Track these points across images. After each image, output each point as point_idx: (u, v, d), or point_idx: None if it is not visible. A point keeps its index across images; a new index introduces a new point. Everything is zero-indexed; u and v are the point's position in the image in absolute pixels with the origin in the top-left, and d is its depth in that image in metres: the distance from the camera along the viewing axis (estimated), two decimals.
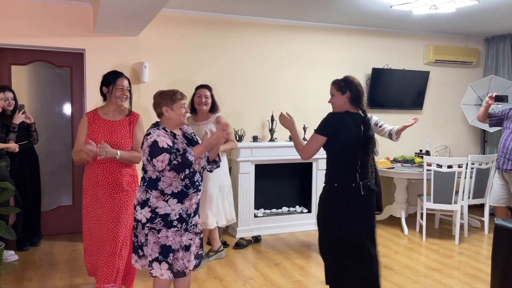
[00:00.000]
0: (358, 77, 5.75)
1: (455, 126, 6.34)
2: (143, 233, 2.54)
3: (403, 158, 5.51)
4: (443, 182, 4.58)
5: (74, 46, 4.48)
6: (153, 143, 2.46)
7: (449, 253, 4.39)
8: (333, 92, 2.83)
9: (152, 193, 2.51)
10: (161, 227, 2.50)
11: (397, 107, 5.90)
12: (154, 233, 2.51)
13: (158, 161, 2.42)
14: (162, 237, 2.50)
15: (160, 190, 2.50)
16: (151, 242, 2.52)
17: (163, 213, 2.50)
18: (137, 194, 2.58)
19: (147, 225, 2.52)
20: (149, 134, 2.52)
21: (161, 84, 4.73)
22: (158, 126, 2.58)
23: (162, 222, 2.50)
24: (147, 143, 2.48)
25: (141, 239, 2.57)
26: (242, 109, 5.19)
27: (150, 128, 2.59)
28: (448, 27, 5.65)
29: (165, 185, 2.50)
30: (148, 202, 2.51)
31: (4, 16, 4.22)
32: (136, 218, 2.57)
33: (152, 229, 2.51)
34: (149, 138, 2.49)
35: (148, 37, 4.71)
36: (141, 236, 2.56)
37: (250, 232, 4.87)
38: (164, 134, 2.53)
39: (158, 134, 2.51)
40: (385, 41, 5.83)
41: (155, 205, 2.50)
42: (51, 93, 4.80)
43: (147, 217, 2.51)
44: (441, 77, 6.18)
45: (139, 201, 2.55)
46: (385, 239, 4.84)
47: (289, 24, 5.32)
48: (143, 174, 2.58)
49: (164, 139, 2.49)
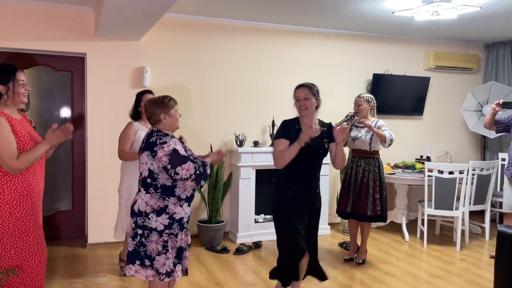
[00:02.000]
0: (359, 82, 5.86)
1: (455, 132, 6.34)
2: (161, 240, 2.52)
3: (404, 164, 5.50)
4: (444, 188, 4.57)
5: (75, 50, 4.47)
6: (174, 151, 2.47)
7: (451, 259, 4.38)
8: (309, 96, 2.95)
9: (170, 200, 2.54)
10: (178, 231, 2.57)
11: (398, 113, 5.90)
12: (172, 238, 2.55)
13: (183, 169, 2.45)
14: (179, 240, 2.58)
15: (177, 196, 2.55)
16: (170, 247, 2.54)
17: (178, 218, 2.56)
18: (150, 202, 2.54)
19: (166, 232, 2.53)
20: (165, 143, 2.49)
21: (162, 89, 4.72)
22: (167, 133, 2.58)
23: (178, 227, 2.57)
24: (165, 151, 2.46)
25: (155, 248, 2.52)
26: (243, 114, 5.19)
27: (160, 135, 2.54)
28: (448, 33, 5.67)
29: (181, 191, 2.57)
30: (167, 209, 2.53)
31: (5, 20, 4.21)
32: (148, 226, 2.52)
33: (171, 235, 2.55)
34: (165, 146, 2.48)
35: (150, 42, 4.71)
36: (156, 244, 2.52)
37: (250, 238, 4.85)
38: (179, 142, 2.56)
39: (175, 142, 2.53)
40: (386, 47, 5.84)
41: (173, 211, 2.54)
42: (51, 97, 4.79)
43: (165, 224, 2.52)
44: (441, 83, 6.19)
45: (154, 208, 2.53)
46: (386, 245, 4.82)
47: (290, 29, 5.33)
48: (150, 181, 2.54)
49: (181, 148, 2.52)
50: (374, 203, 4.04)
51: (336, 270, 4.03)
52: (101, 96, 4.57)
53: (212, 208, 4.72)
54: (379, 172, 4.10)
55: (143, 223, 2.53)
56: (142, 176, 2.59)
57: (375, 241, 4.95)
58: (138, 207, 2.57)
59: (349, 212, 4.13)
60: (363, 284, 3.69)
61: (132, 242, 2.57)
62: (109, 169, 4.53)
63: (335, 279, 3.81)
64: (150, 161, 2.51)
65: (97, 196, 4.57)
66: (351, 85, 5.62)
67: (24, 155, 2.34)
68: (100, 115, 4.57)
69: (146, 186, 2.56)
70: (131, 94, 4.65)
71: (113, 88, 4.61)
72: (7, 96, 2.41)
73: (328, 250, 4.65)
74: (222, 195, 4.81)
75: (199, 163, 2.53)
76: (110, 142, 4.52)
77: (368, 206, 4.03)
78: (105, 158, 4.52)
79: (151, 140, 2.55)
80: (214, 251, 4.49)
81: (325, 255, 4.47)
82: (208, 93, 5.01)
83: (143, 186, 2.59)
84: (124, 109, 4.71)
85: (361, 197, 4.05)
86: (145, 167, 2.55)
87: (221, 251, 4.46)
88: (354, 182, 4.10)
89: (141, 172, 2.60)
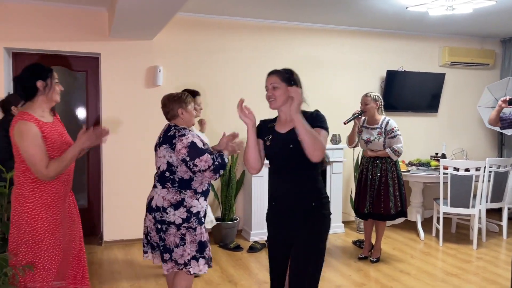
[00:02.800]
0: (372, 79, 5.81)
1: (471, 129, 6.24)
2: (179, 233, 2.58)
3: (419, 161, 5.44)
4: (460, 186, 4.50)
5: (89, 51, 4.53)
6: (192, 143, 2.56)
7: (467, 258, 4.31)
8: (279, 84, 2.37)
9: (187, 193, 2.60)
10: (196, 225, 2.61)
11: (412, 110, 5.84)
12: (191, 232, 2.60)
13: (202, 160, 2.51)
14: (198, 234, 2.62)
15: (193, 189, 2.61)
16: (188, 241, 2.59)
17: (195, 212, 2.61)
18: (167, 197, 2.60)
19: (184, 225, 2.58)
20: (183, 135, 2.58)
21: (176, 88, 4.75)
22: (184, 127, 2.68)
23: (196, 220, 2.61)
24: (184, 143, 2.54)
25: (173, 241, 2.59)
26: (256, 111, 5.14)
27: (178, 129, 2.63)
28: (464, 28, 5.58)
29: (197, 184, 2.62)
30: (184, 203, 2.59)
31: (21, 21, 4.28)
32: (166, 220, 2.58)
33: (189, 229, 2.59)
34: (184, 138, 2.56)
35: (162, 41, 4.74)
36: (175, 237, 2.59)
37: (264, 236, 4.84)
38: (196, 136, 2.64)
39: (192, 135, 2.62)
40: (400, 43, 5.78)
41: (190, 204, 2.60)
42: (67, 97, 4.86)
43: (182, 217, 2.58)
44: (457, 79, 6.09)
45: (171, 202, 2.59)
46: (400, 243, 4.77)
47: (302, 27, 5.31)
48: (169, 175, 2.59)
49: (198, 141, 2.60)
50: (395, 201, 4.02)
51: (350, 268, 4.01)
52: (115, 95, 4.62)
53: (225, 206, 4.74)
54: (397, 170, 4.08)
55: (161, 218, 2.59)
56: (160, 170, 2.65)
57: (390, 239, 4.91)
58: (155, 203, 2.62)
59: (367, 213, 4.11)
60: (377, 283, 3.67)
61: (157, 236, 2.64)
62: (124, 168, 4.58)
63: (349, 277, 3.79)
64: (169, 154, 2.58)
65: (112, 194, 4.62)
66: (365, 82, 5.58)
67: (54, 163, 2.23)
68: (115, 114, 4.62)
69: (163, 181, 2.62)
70: (144, 93, 4.71)
71: (127, 87, 4.66)
72: (44, 92, 2.36)
73: (342, 248, 4.62)
74: (235, 193, 4.82)
75: (216, 155, 2.61)
76: (125, 140, 4.58)
77: (390, 205, 4.00)
78: (120, 156, 4.57)
79: (169, 133, 2.63)
80: (227, 248, 4.50)
81: (339, 253, 4.44)
82: (221, 90, 5.03)
83: (159, 181, 2.65)
84: (138, 108, 4.76)
85: (381, 197, 4.02)
86: (163, 160, 2.62)
87: (235, 249, 4.48)
88: (371, 182, 4.07)
89: (159, 167, 2.66)
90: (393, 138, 3.99)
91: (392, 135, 3.99)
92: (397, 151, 3.98)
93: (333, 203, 5.09)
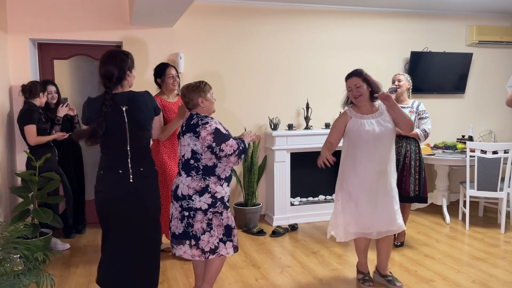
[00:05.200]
0: (396, 61, 5.67)
1: (500, 110, 6.05)
2: (206, 219, 2.66)
3: (444, 144, 5.32)
4: (487, 169, 4.39)
5: (112, 39, 4.58)
6: (216, 130, 2.64)
7: (495, 242, 4.23)
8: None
9: (211, 179, 2.67)
10: (222, 209, 2.70)
11: (438, 92, 5.69)
12: (217, 216, 2.68)
13: (228, 145, 2.61)
14: (225, 218, 2.71)
15: (217, 175, 2.68)
16: (215, 225, 2.67)
17: (220, 197, 2.69)
18: (192, 184, 2.66)
19: (210, 210, 2.66)
20: (207, 123, 2.64)
21: (197, 74, 4.78)
22: (206, 115, 2.74)
23: (222, 205, 2.70)
24: (208, 130, 2.61)
25: (200, 227, 2.66)
26: (277, 97, 5.16)
27: (200, 117, 2.69)
28: (492, 5, 5.36)
29: (221, 171, 2.70)
30: (208, 189, 2.66)
31: (46, 12, 4.37)
32: (193, 207, 2.66)
33: (216, 213, 2.68)
34: (208, 126, 2.63)
35: (183, 28, 4.76)
36: (201, 223, 2.66)
37: (286, 220, 4.88)
38: (218, 122, 2.71)
39: (215, 122, 2.69)
40: (424, 23, 5.61)
41: (214, 190, 2.67)
42: (91, 86, 4.95)
43: (208, 203, 2.66)
44: (485, 59, 5.90)
45: (196, 190, 2.66)
46: (426, 227, 4.71)
47: (323, 9, 5.22)
48: (193, 163, 2.66)
49: (221, 127, 2.68)
50: (415, 183, 3.96)
51: (373, 252, 3.99)
52: (137, 83, 4.65)
53: (248, 191, 4.78)
54: (419, 152, 4.02)
55: (188, 205, 2.66)
56: (184, 158, 2.70)
57: (414, 223, 4.85)
58: (181, 191, 2.69)
59: None
60: (401, 267, 3.65)
61: (181, 225, 2.70)
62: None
63: (373, 261, 3.77)
64: (193, 142, 2.65)
65: None
66: (388, 64, 5.46)
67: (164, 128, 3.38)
68: None
69: (188, 169, 2.68)
70: None
71: (149, 74, 4.70)
72: (162, 85, 3.76)
73: None
74: (258, 178, 4.85)
75: (238, 140, 2.71)
76: None
77: (410, 187, 3.95)
78: None
79: (192, 122, 2.68)
80: (250, 233, 4.55)
81: None
82: (241, 77, 5.02)
83: (183, 169, 2.70)
84: None
85: (403, 178, 3.97)
86: (187, 148, 2.67)
87: (258, 233, 4.52)
88: (396, 163, 4.02)
89: (183, 155, 2.71)
90: (423, 119, 3.93)
91: (424, 116, 3.94)
92: (427, 132, 3.93)
93: None
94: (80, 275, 3.52)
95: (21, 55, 4.33)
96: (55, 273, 3.50)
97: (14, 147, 4.33)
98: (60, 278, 3.44)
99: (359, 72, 3.09)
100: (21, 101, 4.07)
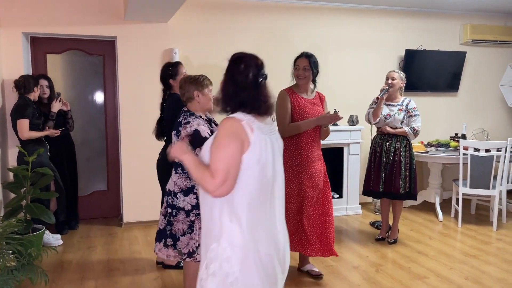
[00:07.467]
0: (390, 59, 5.69)
1: (493, 108, 6.10)
2: (187, 220, 2.55)
3: (438, 142, 5.36)
4: (480, 167, 4.43)
5: (105, 34, 4.54)
6: (195, 132, 2.49)
7: (487, 239, 4.27)
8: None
9: None
10: None
11: (432, 90, 5.72)
12: (200, 219, 2.54)
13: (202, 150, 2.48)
14: None
15: None
16: (197, 228, 2.54)
17: None
18: (178, 182, 2.58)
19: (193, 212, 2.55)
20: (188, 123, 2.53)
21: (192, 70, 4.74)
22: (193, 113, 2.60)
23: None
24: (187, 131, 2.49)
25: (181, 227, 2.56)
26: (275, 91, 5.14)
27: (186, 115, 2.58)
28: (486, 4, 5.40)
29: None
30: (194, 189, 2.54)
31: (39, 6, 4.31)
32: (176, 205, 2.56)
33: (199, 215, 2.53)
34: (188, 126, 2.51)
35: (177, 23, 4.72)
36: (183, 224, 2.56)
37: None
38: (204, 123, 2.56)
39: (198, 123, 2.54)
40: (419, 22, 5.63)
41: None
42: (85, 81, 4.91)
43: (192, 204, 2.54)
44: (478, 58, 5.93)
45: (181, 188, 2.56)
46: (419, 224, 4.75)
47: (318, 6, 5.21)
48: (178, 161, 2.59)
49: (204, 129, 2.53)
50: (405, 181, 3.99)
51: (367, 249, 4.01)
52: (132, 78, 4.64)
53: None
54: (410, 150, 4.04)
55: (172, 202, 2.58)
56: None
57: (407, 220, 4.88)
58: (168, 186, 2.63)
59: (381, 192, 4.08)
60: (394, 263, 3.67)
61: (164, 221, 2.63)
62: (142, 151, 4.63)
63: (366, 258, 3.79)
64: (176, 140, 2.55)
65: (130, 177, 4.69)
66: (383, 62, 5.47)
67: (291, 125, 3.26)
68: (132, 97, 4.65)
69: (175, 165, 2.61)
70: None
71: (143, 70, 4.67)
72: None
73: (359, 229, 4.62)
74: None
75: None
76: (142, 123, 4.61)
77: (400, 184, 3.97)
78: (138, 139, 4.62)
79: (179, 119, 2.60)
80: None
81: (356, 234, 4.45)
82: None
83: (172, 164, 2.63)
84: (154, 91, 4.77)
85: (393, 176, 4.00)
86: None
87: None
88: (385, 160, 4.03)
89: None
90: (413, 117, 3.95)
91: (414, 114, 3.95)
92: (416, 130, 3.94)
93: (350, 184, 5.08)
94: (73, 271, 3.50)
95: (13, 49, 4.27)
96: (48, 269, 3.47)
97: (6, 141, 4.28)
98: (54, 274, 3.41)
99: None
100: (13, 96, 4.03)
